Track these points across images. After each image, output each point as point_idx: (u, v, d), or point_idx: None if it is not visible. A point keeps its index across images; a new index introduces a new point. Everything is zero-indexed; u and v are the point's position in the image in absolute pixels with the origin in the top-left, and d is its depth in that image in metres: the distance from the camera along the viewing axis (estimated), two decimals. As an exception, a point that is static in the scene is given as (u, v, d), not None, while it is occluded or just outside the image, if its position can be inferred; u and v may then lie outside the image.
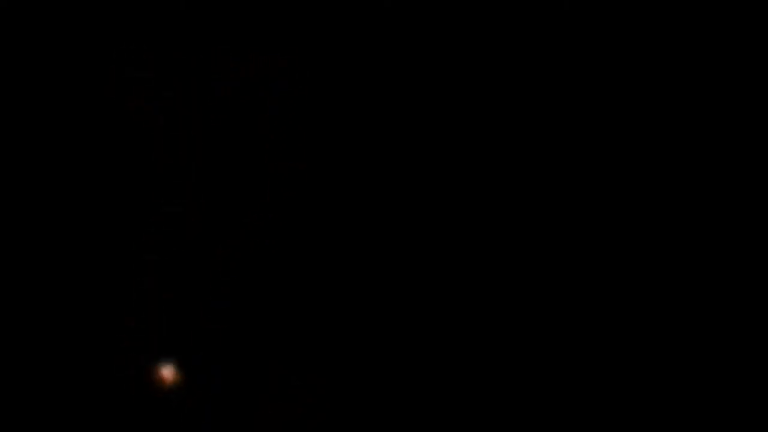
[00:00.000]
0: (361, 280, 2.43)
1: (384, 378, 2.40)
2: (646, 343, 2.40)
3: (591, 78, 2.46)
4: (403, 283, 2.42)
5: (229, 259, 2.43)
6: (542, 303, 2.42)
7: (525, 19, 2.47)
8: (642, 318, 2.41)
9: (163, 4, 2.45)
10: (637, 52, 2.46)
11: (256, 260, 2.43)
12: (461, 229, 2.44)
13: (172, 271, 2.42)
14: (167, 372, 2.33)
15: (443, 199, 2.44)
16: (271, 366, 2.40)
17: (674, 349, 2.40)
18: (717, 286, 2.41)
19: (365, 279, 2.43)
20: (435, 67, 2.47)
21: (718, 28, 2.46)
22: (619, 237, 2.43)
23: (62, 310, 2.40)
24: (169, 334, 2.40)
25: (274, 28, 2.47)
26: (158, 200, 2.44)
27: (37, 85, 2.44)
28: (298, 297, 2.42)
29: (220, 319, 2.41)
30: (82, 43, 2.45)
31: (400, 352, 2.41)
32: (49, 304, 2.40)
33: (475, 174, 2.45)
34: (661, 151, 2.45)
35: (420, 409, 2.39)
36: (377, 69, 2.47)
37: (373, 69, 2.47)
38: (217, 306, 2.42)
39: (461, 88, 2.47)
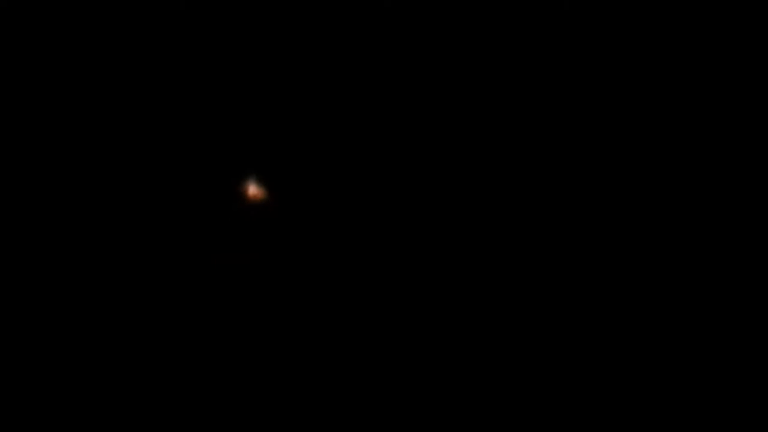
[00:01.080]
0: (360, 280, 2.43)
1: (384, 378, 2.40)
2: (645, 343, 2.40)
3: (591, 78, 2.47)
4: (402, 284, 2.43)
5: (229, 259, 2.43)
6: (542, 303, 2.42)
7: (525, 19, 2.47)
8: (641, 317, 2.41)
9: (163, 4, 2.46)
10: (637, 52, 2.47)
11: (256, 260, 2.43)
12: (460, 228, 2.44)
13: (171, 272, 2.42)
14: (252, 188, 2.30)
15: (442, 199, 2.45)
16: (271, 366, 2.40)
17: (674, 349, 2.40)
18: (716, 286, 2.41)
19: (365, 279, 2.43)
20: (435, 67, 2.47)
21: (718, 28, 2.46)
22: (618, 237, 2.44)
23: (59, 308, 2.42)
24: (167, 339, 2.41)
25: (274, 28, 2.47)
26: (158, 200, 2.44)
27: (37, 85, 2.44)
28: (298, 297, 2.43)
29: (220, 319, 2.42)
30: (82, 43, 2.45)
31: (399, 353, 2.41)
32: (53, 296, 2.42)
33: (475, 174, 2.46)
34: (660, 151, 2.45)
35: (420, 409, 2.39)
36: (377, 69, 2.47)
37: (374, 69, 2.47)
38: (217, 306, 2.42)
39: (461, 88, 2.47)
